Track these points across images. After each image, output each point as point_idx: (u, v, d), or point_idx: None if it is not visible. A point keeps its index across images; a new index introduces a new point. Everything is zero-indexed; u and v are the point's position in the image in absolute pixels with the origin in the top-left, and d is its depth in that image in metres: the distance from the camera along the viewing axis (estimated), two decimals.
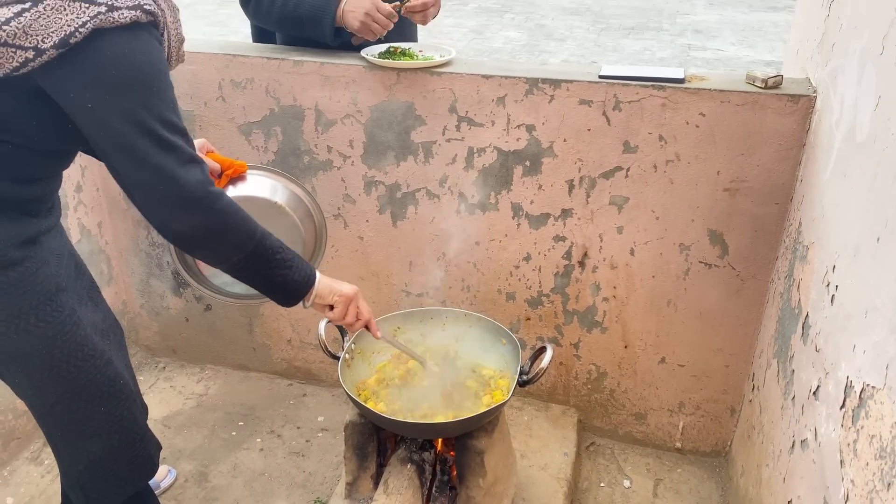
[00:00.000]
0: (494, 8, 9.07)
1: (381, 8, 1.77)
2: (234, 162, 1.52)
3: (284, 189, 1.57)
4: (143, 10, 1.08)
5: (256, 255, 1.17)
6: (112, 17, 1.04)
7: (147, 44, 1.09)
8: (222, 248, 1.15)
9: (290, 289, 1.24)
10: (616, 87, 1.67)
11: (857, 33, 1.25)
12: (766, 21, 8.30)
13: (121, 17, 1.05)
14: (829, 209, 1.30)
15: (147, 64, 1.08)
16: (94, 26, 1.03)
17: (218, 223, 1.12)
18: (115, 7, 1.05)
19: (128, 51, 1.06)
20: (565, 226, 1.86)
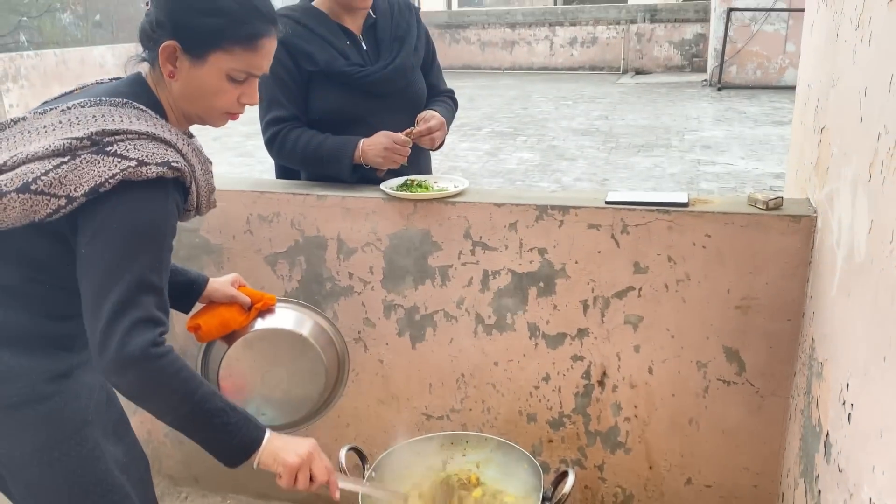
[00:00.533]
0: (507, 132, 9.46)
1: (395, 139, 1.90)
2: (265, 295, 1.61)
3: (310, 321, 1.63)
4: (170, 167, 1.17)
5: (192, 418, 1.17)
6: (140, 171, 1.13)
7: (161, 202, 1.17)
8: (156, 406, 1.17)
9: (228, 454, 1.21)
10: (622, 211, 1.74)
11: (847, 160, 1.32)
12: (773, 135, 8.56)
13: (148, 172, 1.14)
14: (838, 326, 1.33)
15: (150, 222, 1.15)
16: (123, 178, 1.12)
17: (151, 384, 1.13)
18: (145, 163, 1.14)
19: (140, 205, 1.14)
20: (582, 345, 1.89)
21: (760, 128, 9.12)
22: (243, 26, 1.21)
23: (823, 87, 1.61)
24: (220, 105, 1.27)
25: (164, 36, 1.20)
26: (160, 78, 1.26)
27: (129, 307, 1.11)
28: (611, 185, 6.59)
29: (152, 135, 1.18)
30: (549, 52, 16.90)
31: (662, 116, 10.22)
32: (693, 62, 15.68)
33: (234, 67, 1.23)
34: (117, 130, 1.16)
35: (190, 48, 1.21)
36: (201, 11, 1.19)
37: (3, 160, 1.14)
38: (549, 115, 10.63)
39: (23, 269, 1.20)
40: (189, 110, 1.29)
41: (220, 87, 1.24)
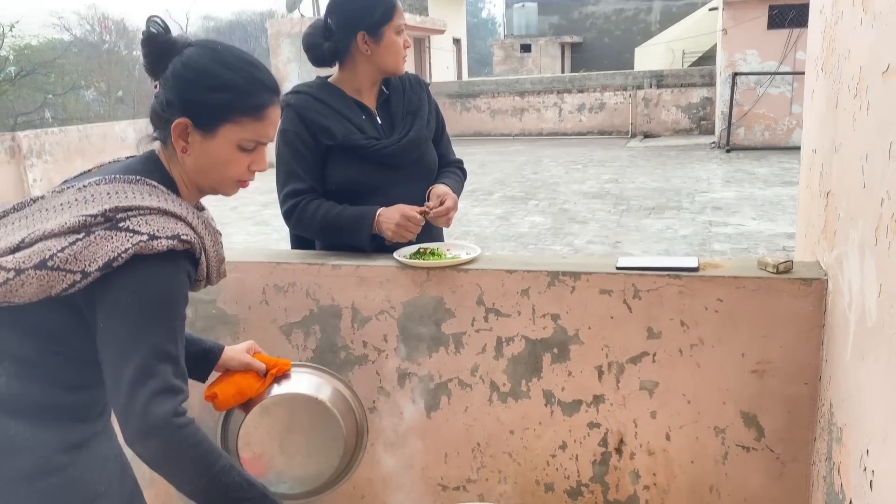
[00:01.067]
0: (519, 196, 9.57)
1: (410, 216, 1.95)
2: (279, 361, 1.63)
3: (327, 385, 1.65)
4: (180, 240, 1.21)
5: (210, 490, 1.20)
6: (151, 245, 1.17)
7: (173, 274, 1.21)
8: (175, 475, 1.20)
9: None
10: (633, 277, 1.76)
11: (853, 224, 1.34)
12: (784, 195, 8.60)
13: (159, 245, 1.18)
14: (854, 391, 1.32)
15: (167, 293, 1.20)
16: (135, 252, 1.16)
17: (173, 453, 1.17)
18: (156, 237, 1.18)
19: (154, 280, 1.18)
20: (598, 412, 1.88)
21: (771, 188, 9.18)
22: (250, 98, 1.27)
23: (827, 153, 1.65)
24: (232, 174, 1.32)
25: (174, 114, 1.26)
26: (172, 154, 1.31)
27: (148, 377, 1.14)
28: (623, 248, 6.61)
29: (163, 210, 1.23)
30: (557, 118, 17.23)
31: (672, 179, 10.32)
32: (701, 125, 15.91)
33: (243, 137, 1.28)
34: (129, 207, 1.20)
35: (201, 123, 1.26)
36: (209, 88, 1.25)
37: (21, 237, 1.19)
38: (560, 179, 10.76)
39: (39, 341, 1.23)
40: (202, 182, 1.33)
41: (231, 158, 1.29)
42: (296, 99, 2.05)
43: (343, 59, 2.06)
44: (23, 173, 11.39)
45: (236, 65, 1.28)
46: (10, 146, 11.29)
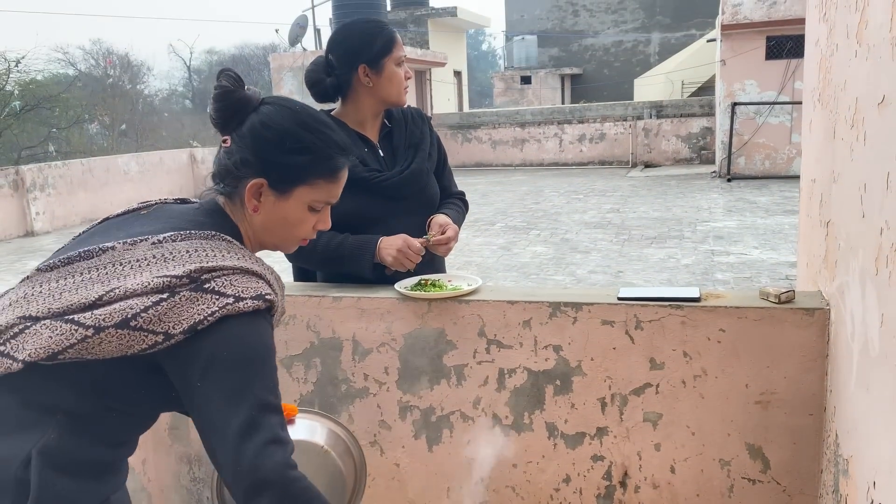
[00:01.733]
0: (520, 226, 9.59)
1: (411, 245, 1.95)
2: (286, 406, 1.61)
3: (326, 430, 1.62)
4: (264, 300, 1.19)
5: None
6: (238, 307, 1.14)
7: (262, 329, 1.18)
8: None
9: None
10: (635, 307, 1.75)
11: (854, 254, 1.34)
12: (785, 224, 8.61)
13: (245, 307, 1.15)
14: (860, 421, 1.31)
15: (259, 348, 1.16)
16: (222, 315, 1.13)
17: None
18: (241, 298, 1.16)
19: (246, 336, 1.15)
20: (602, 444, 1.86)
21: (772, 217, 9.19)
22: (328, 162, 1.27)
23: (826, 183, 1.65)
24: (299, 234, 1.32)
25: (250, 174, 1.24)
26: (239, 209, 1.29)
27: (255, 430, 1.11)
28: (625, 277, 6.61)
29: (245, 269, 1.20)
30: (558, 148, 17.33)
31: (674, 208, 10.34)
32: (701, 155, 15.99)
33: (316, 199, 1.28)
34: (213, 267, 1.17)
35: (277, 185, 1.25)
36: (290, 151, 1.24)
37: (99, 294, 1.15)
38: (561, 209, 10.79)
39: (98, 397, 1.19)
40: (268, 240, 1.32)
41: (302, 218, 1.29)
42: None
43: (345, 92, 2.09)
44: (26, 206, 11.46)
45: (315, 126, 1.27)
46: (14, 179, 11.38)
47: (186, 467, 2.24)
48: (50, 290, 1.17)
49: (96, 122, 26.71)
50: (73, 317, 1.13)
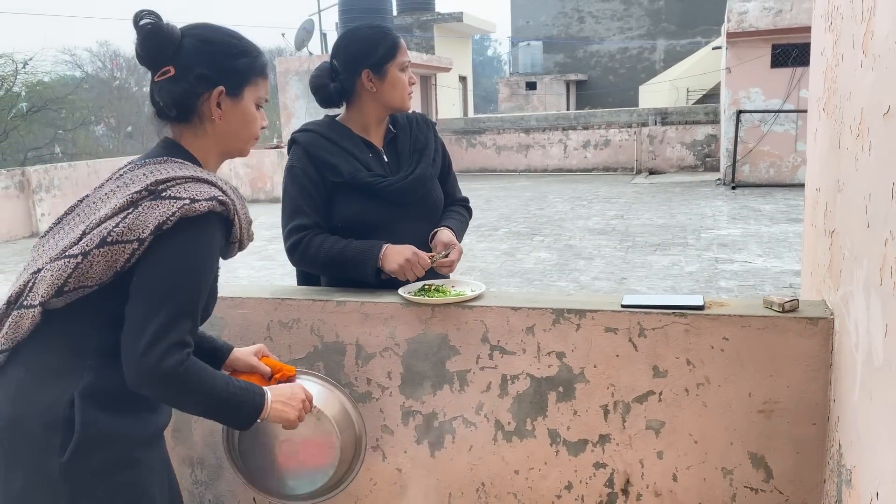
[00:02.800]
0: (524, 232, 9.60)
1: (420, 257, 1.95)
2: (284, 367, 1.70)
3: (326, 392, 1.68)
4: (218, 201, 1.35)
5: (211, 409, 1.38)
6: (194, 208, 1.31)
7: (212, 234, 1.35)
8: (182, 408, 1.39)
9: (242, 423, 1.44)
10: (639, 315, 1.75)
11: (858, 263, 1.34)
12: (790, 232, 8.60)
13: (200, 207, 1.31)
14: (863, 432, 1.30)
15: (203, 255, 1.34)
16: (181, 215, 1.30)
17: (178, 395, 1.32)
18: (196, 199, 1.32)
19: (198, 241, 1.32)
20: (604, 452, 1.86)
21: (777, 225, 9.18)
22: (260, 59, 1.48)
23: (830, 192, 1.65)
24: (254, 132, 1.49)
25: (207, 86, 1.40)
26: (192, 132, 1.45)
27: (168, 331, 1.28)
28: (629, 285, 6.60)
29: (196, 177, 1.37)
30: (563, 154, 17.34)
31: (678, 215, 10.34)
32: (706, 162, 15.99)
33: (259, 96, 1.48)
34: (167, 178, 1.34)
35: (232, 88, 1.43)
36: (234, 56, 1.43)
37: (82, 230, 1.34)
38: (565, 215, 10.79)
39: (118, 330, 1.32)
40: (230, 146, 1.49)
41: (254, 115, 1.47)
42: (303, 137, 2.08)
43: (350, 97, 2.09)
44: (31, 207, 11.50)
45: (238, 35, 1.47)
46: (20, 181, 11.42)
47: (189, 469, 2.24)
48: (48, 246, 1.39)
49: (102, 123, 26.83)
50: (65, 252, 1.32)
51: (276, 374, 1.67)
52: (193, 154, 1.45)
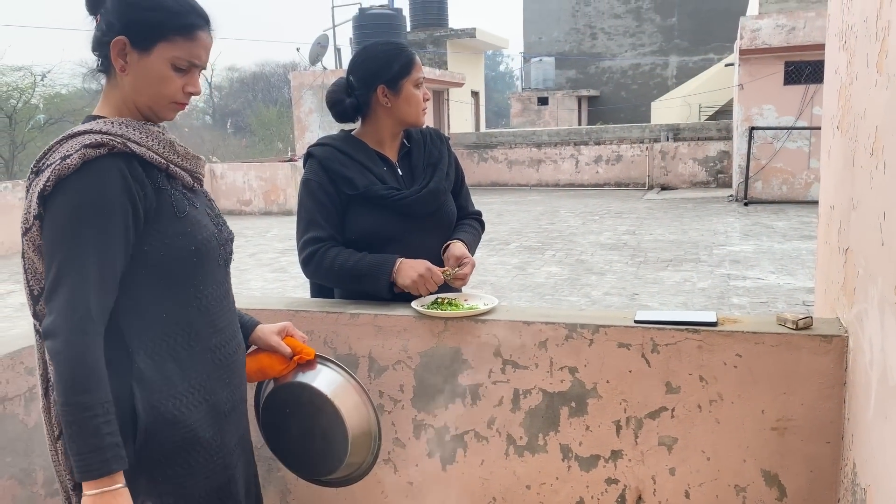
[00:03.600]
0: (535, 246, 9.59)
1: (434, 273, 1.97)
2: (305, 348, 1.70)
3: (341, 380, 1.70)
4: (89, 147, 1.29)
5: (64, 413, 1.23)
6: (66, 164, 1.27)
7: (100, 180, 1.29)
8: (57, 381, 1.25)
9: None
10: (652, 331, 1.76)
11: (873, 281, 1.34)
12: (803, 249, 8.55)
13: (72, 161, 1.27)
14: (878, 451, 1.30)
15: (83, 208, 1.27)
16: (55, 178, 1.26)
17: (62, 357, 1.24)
18: (67, 156, 1.28)
19: (77, 195, 1.27)
20: (616, 467, 1.85)
21: (789, 242, 9.13)
22: (181, 18, 1.38)
23: (844, 210, 1.65)
24: (167, 93, 1.39)
25: (114, 35, 1.35)
26: (112, 82, 1.40)
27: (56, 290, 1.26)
28: (641, 300, 6.58)
29: (71, 133, 1.33)
30: (574, 169, 17.36)
31: (690, 231, 10.31)
32: (718, 178, 15.95)
33: (176, 56, 1.38)
34: (45, 151, 1.34)
35: (138, 41, 1.36)
36: (145, 8, 1.36)
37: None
38: (577, 230, 10.79)
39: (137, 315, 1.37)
40: (140, 102, 1.40)
41: (166, 75, 1.38)
42: (319, 151, 2.10)
43: (365, 112, 2.12)
44: None
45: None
46: None
47: None
48: None
49: None
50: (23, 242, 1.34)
51: (295, 356, 1.69)
52: (118, 109, 1.41)
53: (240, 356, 1.54)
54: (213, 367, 1.45)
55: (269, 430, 1.76)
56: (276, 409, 1.73)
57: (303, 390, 1.68)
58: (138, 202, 1.33)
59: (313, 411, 1.67)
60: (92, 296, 1.26)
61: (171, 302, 1.40)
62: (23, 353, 1.74)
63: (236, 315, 1.58)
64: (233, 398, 1.50)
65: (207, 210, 1.50)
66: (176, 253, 1.38)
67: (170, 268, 1.38)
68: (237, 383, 1.52)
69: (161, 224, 1.37)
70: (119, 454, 1.25)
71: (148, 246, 1.36)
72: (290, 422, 1.71)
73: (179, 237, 1.39)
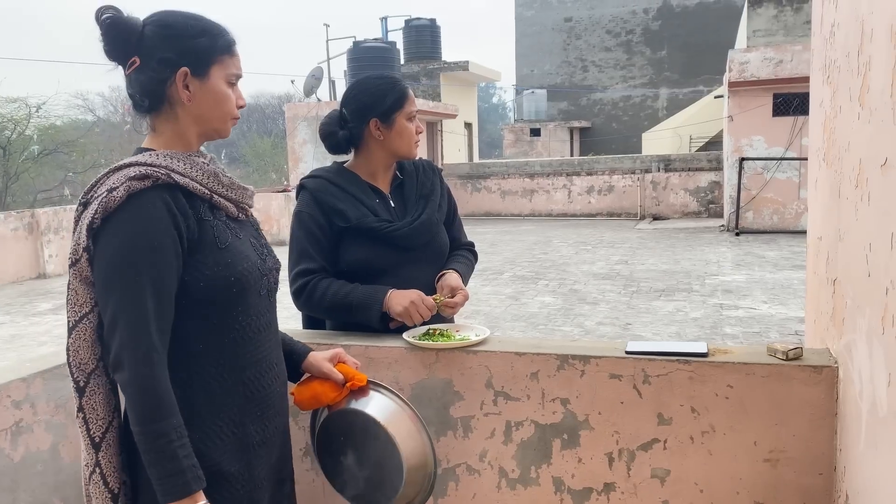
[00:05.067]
0: (528, 276, 9.61)
1: (425, 300, 1.97)
2: (357, 374, 1.70)
3: (400, 412, 1.68)
4: (133, 179, 1.32)
5: (142, 440, 1.29)
6: (113, 196, 1.30)
7: (144, 213, 1.32)
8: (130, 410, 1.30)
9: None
10: (643, 361, 1.76)
11: (861, 312, 1.34)
12: (794, 279, 8.59)
13: (118, 195, 1.30)
14: (870, 482, 1.29)
15: (137, 236, 1.31)
16: (103, 209, 1.30)
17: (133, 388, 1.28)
18: (113, 188, 1.31)
19: (123, 226, 1.31)
20: (609, 500, 1.84)
21: (781, 272, 9.17)
22: (223, 37, 1.45)
23: (832, 241, 1.67)
24: (229, 110, 1.46)
25: (173, 69, 1.39)
26: (164, 118, 1.43)
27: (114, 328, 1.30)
28: (634, 330, 6.58)
29: (116, 167, 1.36)
30: (567, 199, 17.45)
31: (682, 261, 10.35)
32: (709, 208, 16.06)
33: (229, 73, 1.45)
34: (92, 184, 1.37)
35: (197, 68, 1.41)
36: (193, 36, 1.41)
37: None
38: (570, 260, 10.81)
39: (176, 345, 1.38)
40: (206, 127, 1.46)
41: (225, 93, 1.45)
42: (312, 183, 2.11)
43: (358, 144, 2.14)
44: (39, 249, 11.57)
45: (198, 16, 1.46)
46: (29, 222, 11.52)
47: None
48: None
49: None
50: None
51: (348, 383, 1.69)
52: (171, 142, 1.44)
53: (276, 388, 1.54)
54: (245, 401, 1.46)
55: (325, 459, 1.76)
56: (331, 437, 1.73)
57: (356, 417, 1.67)
58: (183, 232, 1.36)
59: (367, 438, 1.66)
60: (153, 327, 1.30)
61: (208, 333, 1.41)
62: (10, 387, 1.73)
63: (279, 345, 1.60)
64: (264, 431, 1.50)
65: (252, 240, 1.52)
66: (215, 283, 1.39)
67: (209, 298, 1.39)
68: (271, 415, 1.52)
69: (202, 255, 1.39)
70: (197, 475, 1.31)
71: (189, 276, 1.37)
72: (345, 449, 1.71)
73: (219, 267, 1.40)
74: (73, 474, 1.81)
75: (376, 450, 1.66)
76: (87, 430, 1.36)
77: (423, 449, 1.68)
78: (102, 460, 1.36)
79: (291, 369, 1.67)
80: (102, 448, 1.36)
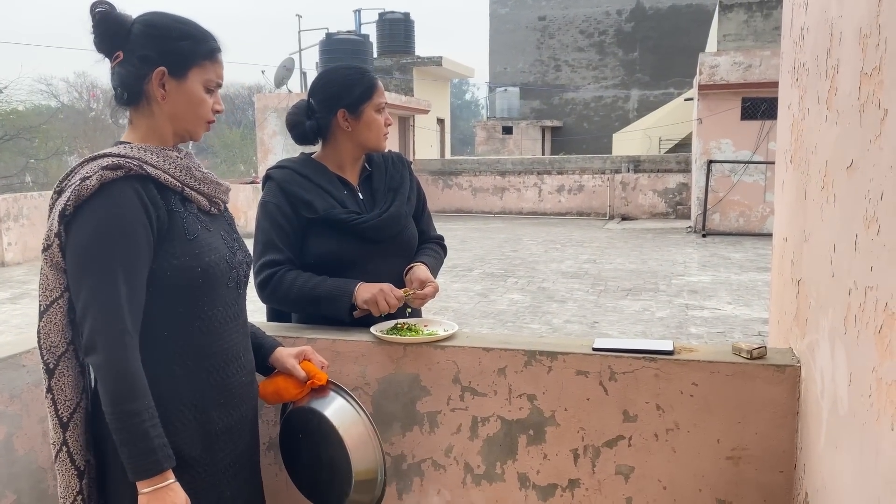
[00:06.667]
0: (498, 273, 9.63)
1: (394, 291, 1.95)
2: (318, 373, 1.72)
3: (355, 416, 1.69)
4: (107, 168, 1.35)
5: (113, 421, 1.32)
6: (86, 185, 1.33)
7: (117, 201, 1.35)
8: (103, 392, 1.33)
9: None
10: (610, 358, 1.76)
11: (824, 312, 1.36)
12: (759, 280, 8.73)
13: (91, 183, 1.33)
14: (829, 480, 1.31)
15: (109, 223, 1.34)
16: (76, 196, 1.33)
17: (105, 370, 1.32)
18: (87, 177, 1.34)
19: (96, 213, 1.34)
20: (573, 497, 1.84)
21: (746, 273, 9.33)
22: (206, 44, 1.49)
23: (797, 242, 1.69)
24: (203, 114, 1.50)
25: (151, 67, 1.43)
26: (142, 114, 1.47)
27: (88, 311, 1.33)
28: (601, 328, 6.63)
29: (91, 157, 1.41)
30: (537, 198, 17.53)
31: (649, 261, 10.46)
32: (677, 209, 16.26)
33: (207, 78, 1.49)
34: (67, 173, 1.41)
35: (175, 69, 1.45)
36: (177, 38, 1.45)
37: None
38: (539, 258, 10.86)
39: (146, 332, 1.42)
40: (178, 126, 1.49)
41: (201, 97, 1.49)
42: (278, 173, 2.08)
43: (325, 136, 2.11)
44: None
45: (186, 20, 1.50)
46: None
47: None
48: None
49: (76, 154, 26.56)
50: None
51: (309, 381, 1.71)
52: (147, 136, 1.48)
53: (241, 377, 1.58)
54: (208, 387, 1.50)
55: (286, 454, 1.79)
56: (291, 434, 1.75)
57: (313, 416, 1.69)
58: (153, 222, 1.40)
59: (321, 439, 1.68)
60: (126, 311, 1.34)
61: (173, 321, 1.45)
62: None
63: (248, 337, 1.64)
64: (228, 419, 1.54)
65: (223, 234, 1.57)
66: (182, 272, 1.43)
67: (175, 287, 1.43)
68: (235, 404, 1.56)
69: (171, 245, 1.43)
70: (167, 453, 1.35)
71: (156, 265, 1.41)
72: (302, 447, 1.75)
73: (187, 258, 1.44)
74: (27, 466, 1.75)
75: (328, 451, 1.68)
76: (56, 411, 1.40)
77: (374, 456, 1.70)
78: (70, 439, 1.41)
79: (260, 363, 1.71)
80: (70, 427, 1.41)
